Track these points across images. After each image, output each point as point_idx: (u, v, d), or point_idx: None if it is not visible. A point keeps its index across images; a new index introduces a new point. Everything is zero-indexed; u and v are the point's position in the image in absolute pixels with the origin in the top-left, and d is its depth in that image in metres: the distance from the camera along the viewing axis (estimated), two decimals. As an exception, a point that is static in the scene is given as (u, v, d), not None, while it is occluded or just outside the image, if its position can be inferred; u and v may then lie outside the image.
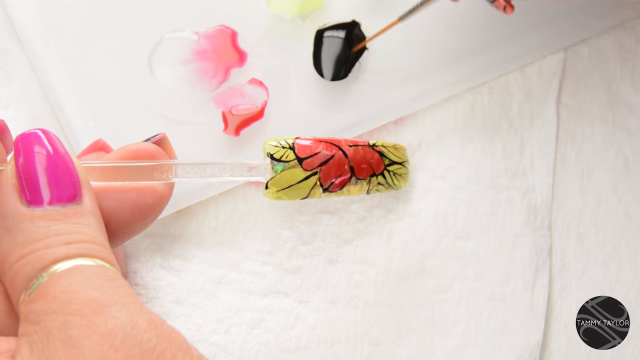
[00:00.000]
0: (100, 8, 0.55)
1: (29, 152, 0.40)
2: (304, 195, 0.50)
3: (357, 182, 0.51)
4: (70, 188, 0.40)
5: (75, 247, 0.38)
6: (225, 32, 0.54)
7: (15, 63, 0.56)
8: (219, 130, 0.53)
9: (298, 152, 0.50)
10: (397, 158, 0.53)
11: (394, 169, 0.52)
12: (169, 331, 0.36)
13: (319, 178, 0.50)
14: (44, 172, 0.39)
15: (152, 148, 0.46)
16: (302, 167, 0.49)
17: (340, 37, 0.55)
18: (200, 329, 0.53)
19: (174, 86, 0.54)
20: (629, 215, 0.56)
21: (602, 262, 0.55)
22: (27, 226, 0.38)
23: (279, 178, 0.49)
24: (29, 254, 0.38)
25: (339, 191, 0.51)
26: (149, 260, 0.54)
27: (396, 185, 0.53)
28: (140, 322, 0.36)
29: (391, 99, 0.55)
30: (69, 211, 0.39)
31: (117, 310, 0.36)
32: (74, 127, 0.54)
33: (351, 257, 0.54)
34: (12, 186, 0.39)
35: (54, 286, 0.37)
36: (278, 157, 0.49)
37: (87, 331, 0.35)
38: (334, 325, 0.53)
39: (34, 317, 0.36)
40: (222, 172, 0.47)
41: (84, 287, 0.36)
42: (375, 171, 0.52)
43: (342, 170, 0.50)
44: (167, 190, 0.45)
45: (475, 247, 0.55)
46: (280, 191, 0.49)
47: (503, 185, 0.55)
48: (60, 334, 0.35)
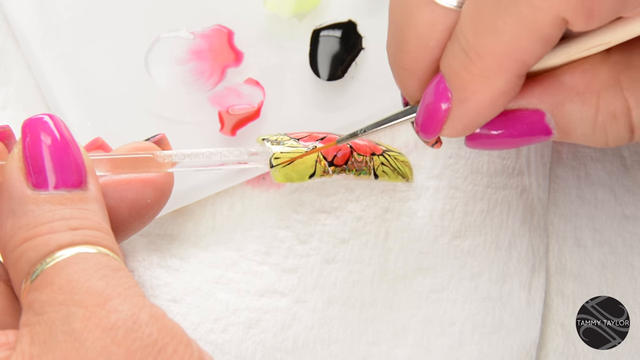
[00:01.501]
0: (97, 8, 0.55)
1: (35, 136, 0.40)
2: (310, 169, 0.49)
3: (360, 157, 0.51)
4: (76, 173, 0.40)
5: (80, 233, 0.38)
6: (221, 32, 0.54)
7: (12, 63, 0.56)
8: (215, 130, 0.54)
9: (291, 137, 0.50)
10: (393, 149, 0.53)
11: (394, 155, 0.53)
12: (170, 325, 0.37)
13: (320, 152, 0.50)
14: (49, 157, 0.39)
15: (151, 147, 0.46)
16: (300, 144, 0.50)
17: (337, 36, 0.55)
18: (197, 328, 0.53)
19: (171, 86, 0.54)
20: (625, 215, 0.56)
21: (599, 261, 0.55)
22: (32, 209, 0.38)
23: (281, 155, 0.49)
24: (33, 238, 0.38)
25: (345, 167, 0.50)
26: (146, 259, 0.54)
27: (401, 170, 0.53)
28: (142, 315, 0.36)
29: (387, 98, 0.55)
30: (74, 196, 0.39)
31: (119, 303, 0.36)
32: (71, 127, 0.54)
33: (348, 256, 0.54)
34: (19, 169, 0.39)
35: (60, 275, 0.36)
36: (274, 140, 0.49)
37: (90, 324, 0.35)
38: (330, 324, 0.53)
39: (39, 308, 0.36)
40: (225, 157, 0.47)
41: (89, 277, 0.36)
42: (374, 152, 0.52)
43: (339, 148, 0.50)
44: (166, 190, 0.45)
45: (472, 246, 0.55)
46: (287, 167, 0.49)
47: (500, 184, 0.56)
48: (63, 326, 0.35)
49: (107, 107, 0.54)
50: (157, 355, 0.35)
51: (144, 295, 0.37)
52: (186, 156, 0.46)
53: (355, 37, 0.55)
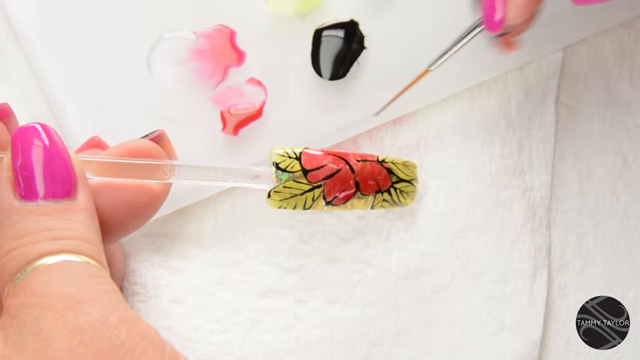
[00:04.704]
0: (99, 8, 0.55)
1: (26, 147, 0.40)
2: (306, 206, 0.50)
3: (362, 197, 0.51)
4: (64, 184, 0.40)
5: (60, 243, 0.38)
6: (223, 32, 0.54)
7: (13, 63, 0.56)
8: (217, 130, 0.53)
9: (304, 164, 0.49)
10: (406, 176, 0.52)
11: (401, 187, 0.52)
12: (141, 327, 0.37)
13: (323, 191, 0.50)
14: (40, 167, 0.39)
15: (150, 145, 0.45)
16: (306, 178, 0.49)
17: (339, 36, 0.55)
18: (199, 328, 0.53)
19: (173, 86, 0.54)
20: (627, 214, 0.56)
21: (601, 260, 0.55)
22: (17, 220, 0.38)
23: (282, 188, 0.49)
24: (16, 249, 0.38)
25: (342, 205, 0.50)
26: (148, 259, 0.54)
27: (402, 203, 0.52)
28: (111, 318, 0.36)
29: (390, 98, 0.55)
30: (60, 207, 0.39)
31: (90, 306, 0.36)
32: (72, 127, 0.54)
33: (350, 256, 0.54)
34: (7, 179, 0.39)
35: (34, 281, 0.37)
36: (283, 167, 0.49)
37: (58, 326, 0.36)
38: (332, 325, 0.53)
39: (12, 311, 0.37)
40: (225, 177, 0.47)
41: (63, 283, 0.37)
42: (381, 188, 0.51)
43: (346, 185, 0.50)
44: (163, 189, 0.45)
45: (474, 246, 0.55)
46: (283, 200, 0.49)
47: (502, 184, 0.55)
48: (32, 327, 0.36)
49: (109, 106, 0.54)
50: (124, 356, 0.36)
51: (123, 301, 0.37)
52: (187, 173, 0.46)
53: (358, 36, 0.55)
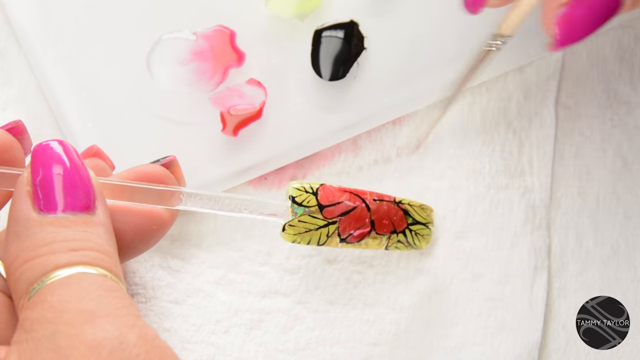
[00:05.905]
0: (99, 9, 0.55)
1: (46, 163, 0.40)
2: (320, 242, 0.50)
3: (377, 237, 0.51)
4: (85, 198, 0.40)
5: (79, 254, 0.38)
6: (223, 33, 0.54)
7: (14, 64, 0.56)
8: (217, 131, 0.53)
9: (320, 199, 0.50)
10: (422, 218, 0.52)
11: (417, 229, 0.52)
12: (160, 346, 0.36)
13: (338, 228, 0.50)
14: (60, 182, 0.39)
15: (161, 171, 0.46)
16: (322, 214, 0.49)
17: (339, 37, 0.55)
18: (199, 329, 0.53)
19: (172, 86, 0.54)
20: (627, 215, 0.56)
21: (601, 261, 0.55)
22: (35, 231, 0.38)
23: (297, 222, 0.49)
24: (33, 259, 0.38)
25: (356, 243, 0.51)
26: (148, 260, 0.54)
27: (416, 245, 0.52)
28: (130, 336, 0.36)
29: (389, 99, 0.55)
30: (79, 220, 0.39)
31: (108, 322, 0.36)
32: (72, 128, 0.54)
33: (350, 257, 0.54)
34: (26, 193, 0.39)
35: (52, 294, 0.36)
36: (300, 201, 0.49)
37: (76, 342, 0.35)
38: (332, 325, 0.53)
39: (28, 325, 0.36)
40: (240, 208, 0.47)
41: (81, 297, 0.36)
42: (396, 228, 0.51)
43: (362, 223, 0.50)
44: (171, 217, 0.45)
45: (474, 247, 0.55)
46: (297, 235, 0.49)
47: (502, 185, 0.55)
48: (49, 343, 0.35)
49: (109, 108, 0.54)
50: None
51: (139, 316, 0.37)
52: (201, 201, 0.46)
53: (357, 37, 0.55)
